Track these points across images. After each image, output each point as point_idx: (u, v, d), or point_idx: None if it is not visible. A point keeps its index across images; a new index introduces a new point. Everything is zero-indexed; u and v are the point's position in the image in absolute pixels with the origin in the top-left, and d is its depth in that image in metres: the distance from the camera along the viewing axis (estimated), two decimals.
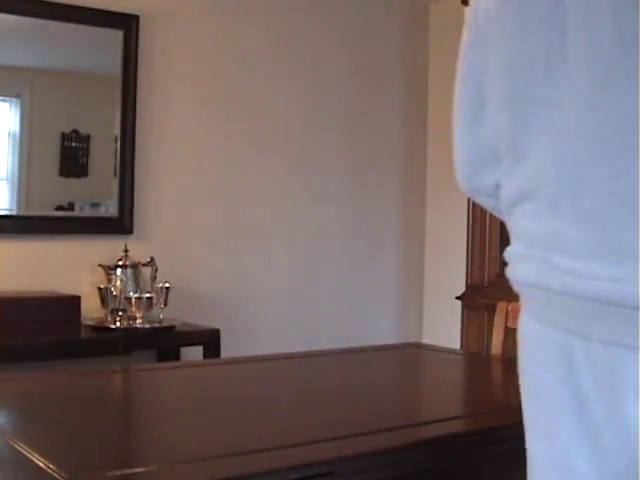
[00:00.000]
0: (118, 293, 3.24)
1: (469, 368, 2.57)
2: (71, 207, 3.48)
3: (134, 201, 3.55)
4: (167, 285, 3.31)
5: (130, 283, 3.31)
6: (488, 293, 3.77)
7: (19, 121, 3.36)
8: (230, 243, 3.87)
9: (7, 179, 3.34)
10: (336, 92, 4.24)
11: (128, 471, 1.30)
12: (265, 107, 3.98)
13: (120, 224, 3.53)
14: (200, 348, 3.25)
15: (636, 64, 0.94)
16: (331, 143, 4.23)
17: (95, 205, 3.55)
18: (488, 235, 3.82)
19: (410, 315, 4.53)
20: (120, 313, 3.23)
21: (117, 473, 1.27)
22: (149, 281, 3.37)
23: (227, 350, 3.26)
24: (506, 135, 1.14)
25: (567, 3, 1.01)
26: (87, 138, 3.50)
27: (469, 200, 3.91)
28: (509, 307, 2.65)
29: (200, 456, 1.38)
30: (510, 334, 2.61)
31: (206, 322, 3.46)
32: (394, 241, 4.50)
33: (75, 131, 3.46)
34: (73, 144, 3.47)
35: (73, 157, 3.47)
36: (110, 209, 3.54)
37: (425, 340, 4.28)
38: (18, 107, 3.37)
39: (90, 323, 3.17)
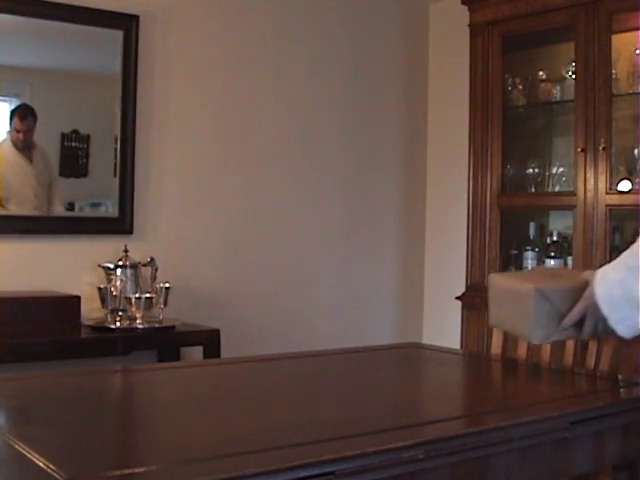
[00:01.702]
0: (118, 293, 3.24)
1: (469, 368, 2.56)
2: (71, 207, 3.48)
3: (134, 201, 3.56)
4: (167, 285, 3.31)
5: (130, 283, 3.31)
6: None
7: None
8: (230, 243, 3.86)
9: None
10: (336, 92, 4.24)
11: (128, 471, 1.30)
12: (265, 106, 3.98)
13: (120, 224, 3.53)
14: (200, 348, 3.25)
15: None
16: (331, 143, 4.23)
17: (95, 205, 3.55)
18: (488, 235, 3.82)
19: (410, 315, 4.53)
20: (120, 313, 3.22)
21: (117, 473, 1.27)
22: (149, 281, 3.37)
23: (227, 350, 3.26)
24: None
25: None
26: (87, 138, 3.49)
27: (469, 200, 3.92)
28: None
29: (200, 456, 1.38)
30: (510, 334, 2.61)
31: (206, 322, 3.46)
32: (394, 241, 4.50)
33: (75, 131, 3.46)
34: (73, 144, 3.46)
35: (73, 157, 3.47)
36: (110, 209, 3.54)
37: (425, 340, 4.28)
38: None
39: (90, 323, 3.17)
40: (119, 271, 3.31)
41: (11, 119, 3.30)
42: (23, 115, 3.31)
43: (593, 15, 3.48)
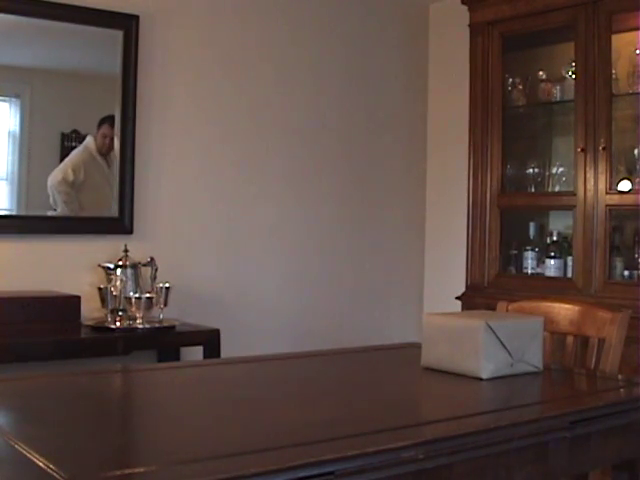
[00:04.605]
0: (118, 293, 3.24)
1: None
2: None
3: (134, 201, 3.56)
4: (167, 285, 3.30)
5: (130, 283, 3.31)
6: (488, 293, 3.77)
7: (19, 121, 3.36)
8: (230, 243, 3.86)
9: (7, 179, 3.34)
10: (336, 92, 4.24)
11: (128, 471, 1.30)
12: (265, 107, 3.98)
13: (120, 224, 3.53)
14: (200, 348, 3.25)
15: None
16: (331, 143, 4.23)
17: None
18: (488, 235, 3.82)
19: (410, 315, 4.53)
20: (120, 313, 3.22)
21: (117, 473, 1.27)
22: (149, 281, 3.37)
23: (227, 350, 3.26)
24: None
25: None
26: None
27: (469, 200, 3.92)
28: (509, 307, 2.65)
29: (200, 456, 1.38)
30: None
31: (206, 322, 3.46)
32: (394, 241, 4.50)
33: (75, 131, 3.46)
34: (73, 144, 3.46)
35: None
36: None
37: None
38: (18, 107, 3.36)
39: (90, 323, 3.17)
40: (119, 271, 3.31)
41: (100, 126, 3.48)
42: (111, 123, 3.49)
43: (593, 15, 3.48)
